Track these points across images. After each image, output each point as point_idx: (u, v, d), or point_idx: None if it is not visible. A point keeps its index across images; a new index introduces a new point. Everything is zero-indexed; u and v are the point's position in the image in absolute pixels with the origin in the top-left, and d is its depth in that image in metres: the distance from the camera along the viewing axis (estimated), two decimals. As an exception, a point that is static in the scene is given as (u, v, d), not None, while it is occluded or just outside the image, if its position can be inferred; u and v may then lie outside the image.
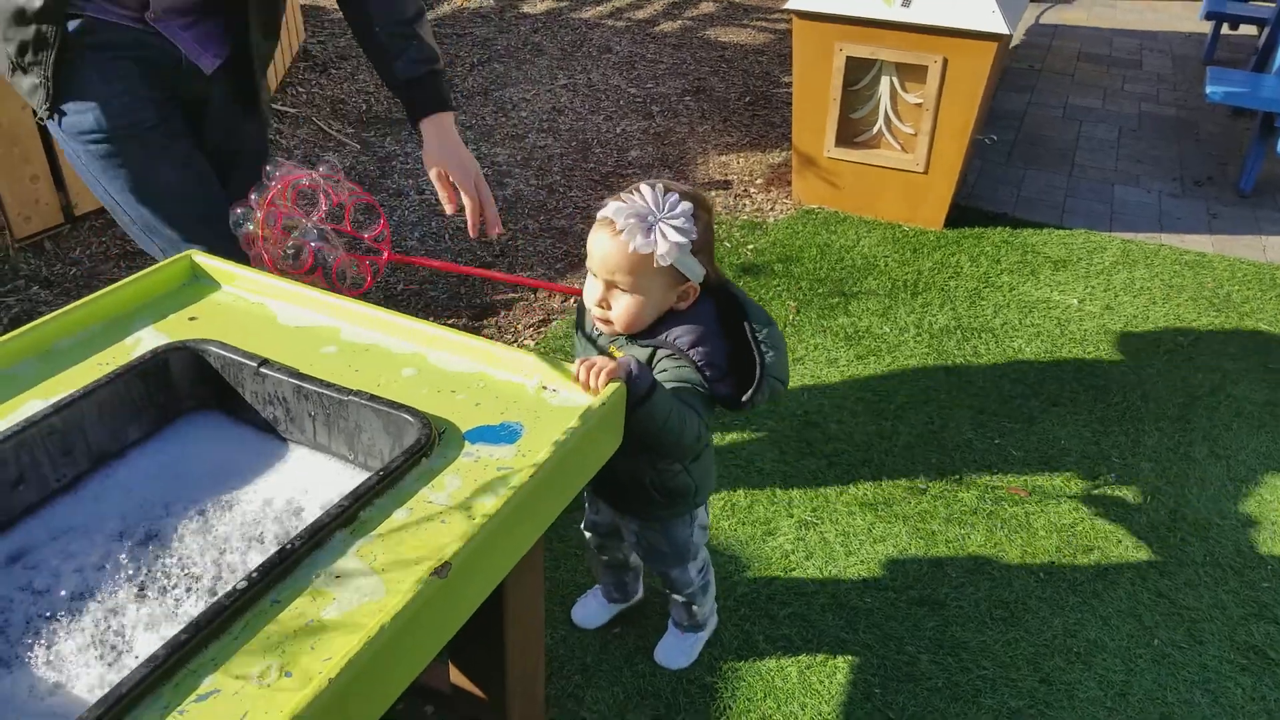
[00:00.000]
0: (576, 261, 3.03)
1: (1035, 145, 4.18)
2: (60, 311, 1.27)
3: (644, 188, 1.32)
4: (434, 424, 1.10)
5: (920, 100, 3.21)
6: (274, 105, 4.00)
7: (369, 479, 1.02)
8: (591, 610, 1.79)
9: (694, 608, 1.68)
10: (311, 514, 1.10)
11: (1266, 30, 4.74)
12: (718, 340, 1.39)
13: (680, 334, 1.38)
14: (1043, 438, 2.29)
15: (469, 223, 1.66)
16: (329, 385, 1.15)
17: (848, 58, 3.22)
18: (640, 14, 5.58)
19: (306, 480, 1.16)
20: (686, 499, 1.52)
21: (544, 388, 1.20)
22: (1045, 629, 1.83)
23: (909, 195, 3.35)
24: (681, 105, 4.35)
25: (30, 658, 0.91)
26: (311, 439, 1.19)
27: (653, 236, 1.29)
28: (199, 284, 1.40)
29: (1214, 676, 1.77)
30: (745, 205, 3.50)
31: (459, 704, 1.35)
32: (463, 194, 1.62)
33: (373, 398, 1.13)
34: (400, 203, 3.35)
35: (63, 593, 0.99)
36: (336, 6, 5.23)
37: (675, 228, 1.29)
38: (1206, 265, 3.21)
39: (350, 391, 1.14)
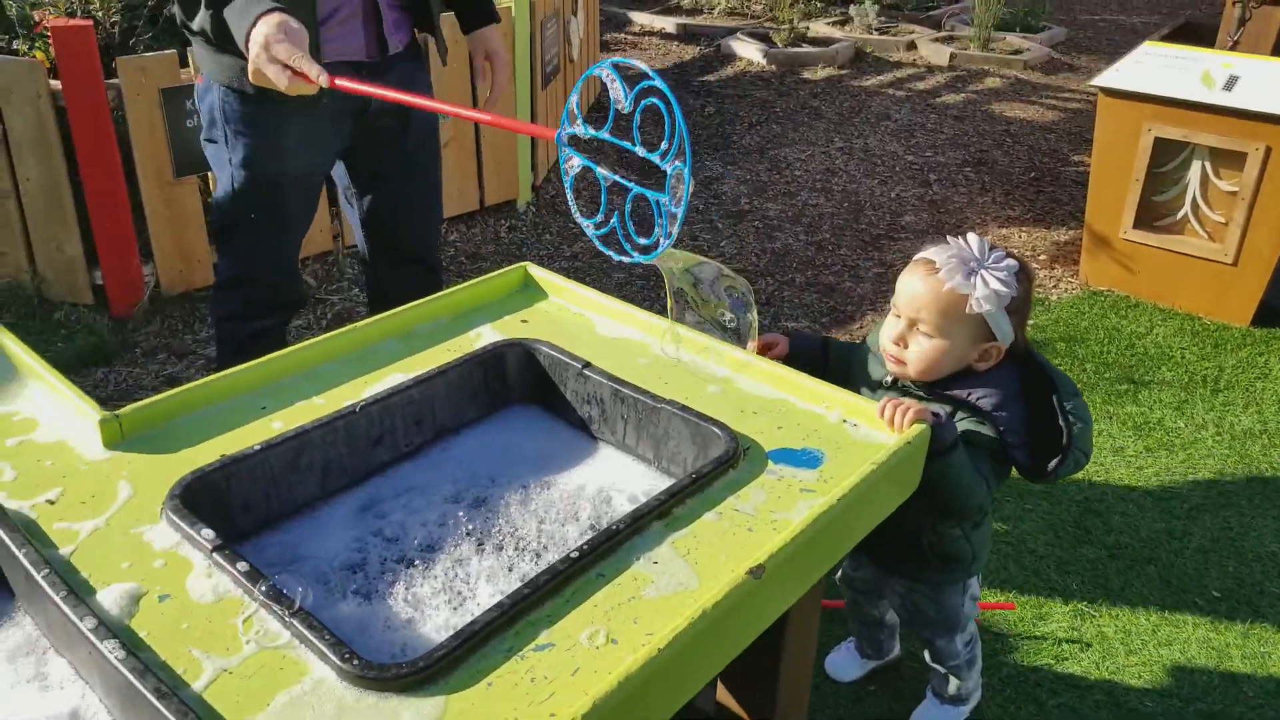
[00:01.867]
0: (842, 317, 3.05)
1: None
2: (419, 302, 1.46)
3: (971, 236, 1.34)
4: (740, 440, 1.16)
5: (1235, 188, 2.99)
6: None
7: (682, 479, 1.09)
8: (845, 662, 1.78)
9: (957, 680, 1.63)
10: (620, 504, 1.19)
11: None
12: (1020, 406, 1.37)
13: (983, 394, 1.37)
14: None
15: (490, 96, 1.91)
16: (644, 392, 1.24)
17: (1156, 138, 3.05)
18: (922, 85, 5.56)
19: (614, 475, 1.26)
20: (962, 565, 1.49)
21: (844, 420, 1.23)
22: (1120, 657, 1.65)
23: (1213, 286, 3.10)
24: (961, 175, 4.28)
25: (390, 594, 1.04)
26: (620, 440, 1.29)
27: (973, 280, 1.30)
28: (529, 291, 1.56)
29: None
30: (1021, 281, 3.38)
31: (720, 724, 1.38)
32: (497, 75, 1.88)
33: (684, 408, 1.21)
34: (675, 248, 3.52)
35: (415, 541, 1.12)
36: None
37: (998, 278, 1.30)
38: None
39: (663, 400, 1.22)
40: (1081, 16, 7.33)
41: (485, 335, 1.43)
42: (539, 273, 1.56)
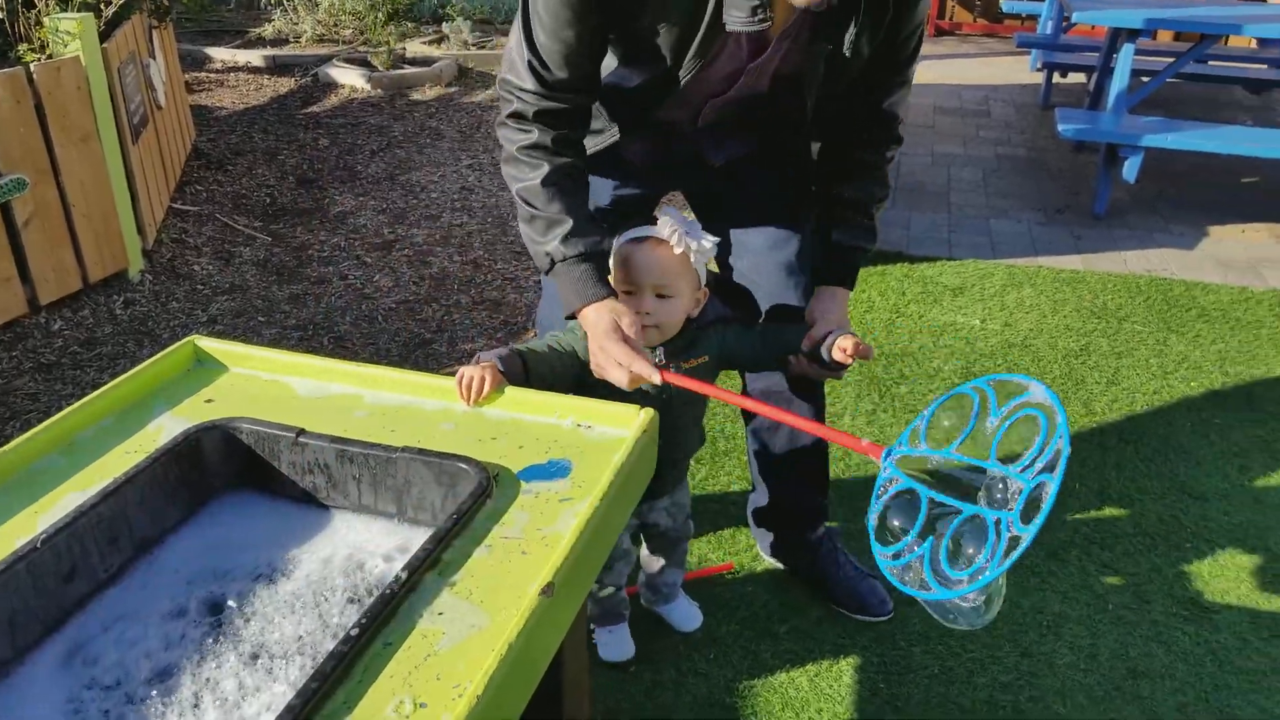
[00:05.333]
0: (515, 329, 3.10)
1: (914, 191, 4.52)
2: (75, 406, 1.27)
3: (668, 210, 1.54)
4: (488, 469, 1.15)
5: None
6: (175, 205, 3.95)
7: (445, 523, 1.06)
8: (625, 639, 1.85)
9: (684, 554, 1.87)
10: (374, 567, 1.13)
11: (1095, 75, 5.30)
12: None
13: (711, 316, 1.62)
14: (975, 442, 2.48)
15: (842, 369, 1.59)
16: (374, 445, 1.19)
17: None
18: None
19: (357, 540, 1.19)
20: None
21: (579, 425, 1.27)
22: (1016, 610, 1.99)
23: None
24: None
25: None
26: (356, 501, 1.23)
27: (695, 242, 1.51)
28: (205, 368, 1.42)
29: (1164, 629, 1.96)
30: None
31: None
32: (860, 349, 1.52)
33: (422, 451, 1.17)
34: (325, 290, 3.35)
35: (143, 676, 0.98)
36: (223, 104, 5.24)
37: (707, 236, 1.54)
38: (1081, 280, 3.55)
39: (397, 449, 1.18)
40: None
41: (167, 426, 1.28)
42: (211, 344, 1.43)
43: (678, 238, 1.50)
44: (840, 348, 1.51)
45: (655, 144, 1.72)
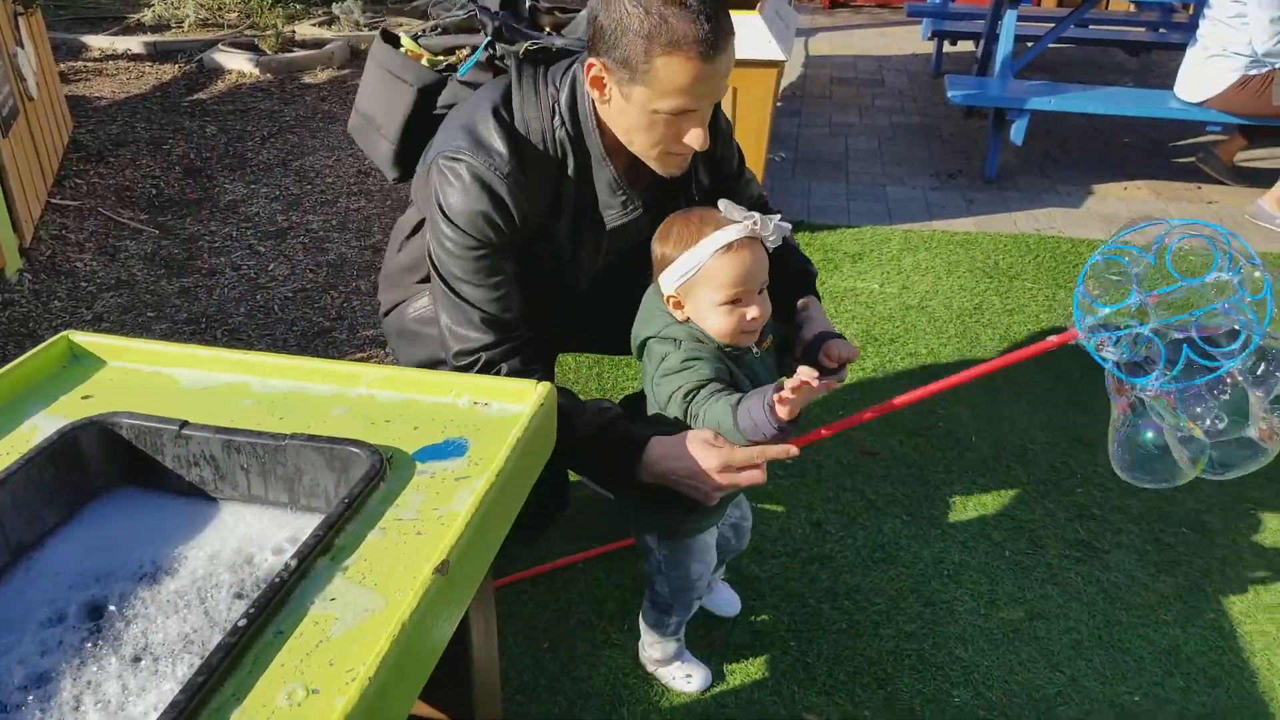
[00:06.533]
0: (418, 314, 3.04)
1: (813, 160, 4.59)
2: (-63, 409, 1.20)
3: (721, 204, 1.44)
4: (381, 452, 1.13)
5: (715, 126, 3.48)
6: (53, 200, 3.76)
7: (336, 508, 1.04)
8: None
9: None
10: (264, 560, 1.10)
11: (981, 42, 5.45)
12: None
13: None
14: (881, 400, 2.53)
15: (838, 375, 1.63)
16: (262, 434, 1.16)
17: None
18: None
19: (248, 532, 1.16)
20: None
21: (475, 403, 1.26)
22: (918, 561, 2.06)
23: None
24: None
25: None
26: (246, 492, 1.19)
27: (773, 223, 1.43)
28: (81, 364, 1.36)
29: (1058, 571, 2.06)
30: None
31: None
32: (846, 353, 1.59)
33: (312, 437, 1.15)
34: (217, 281, 3.24)
35: (15, 681, 0.94)
36: (102, 94, 4.99)
37: (777, 216, 1.47)
38: (974, 242, 3.66)
39: (286, 436, 1.15)
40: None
41: (42, 426, 1.22)
42: (86, 338, 1.36)
43: (772, 228, 1.42)
44: (826, 353, 1.55)
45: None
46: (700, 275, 1.41)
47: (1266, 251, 3.62)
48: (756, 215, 1.42)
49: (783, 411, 1.33)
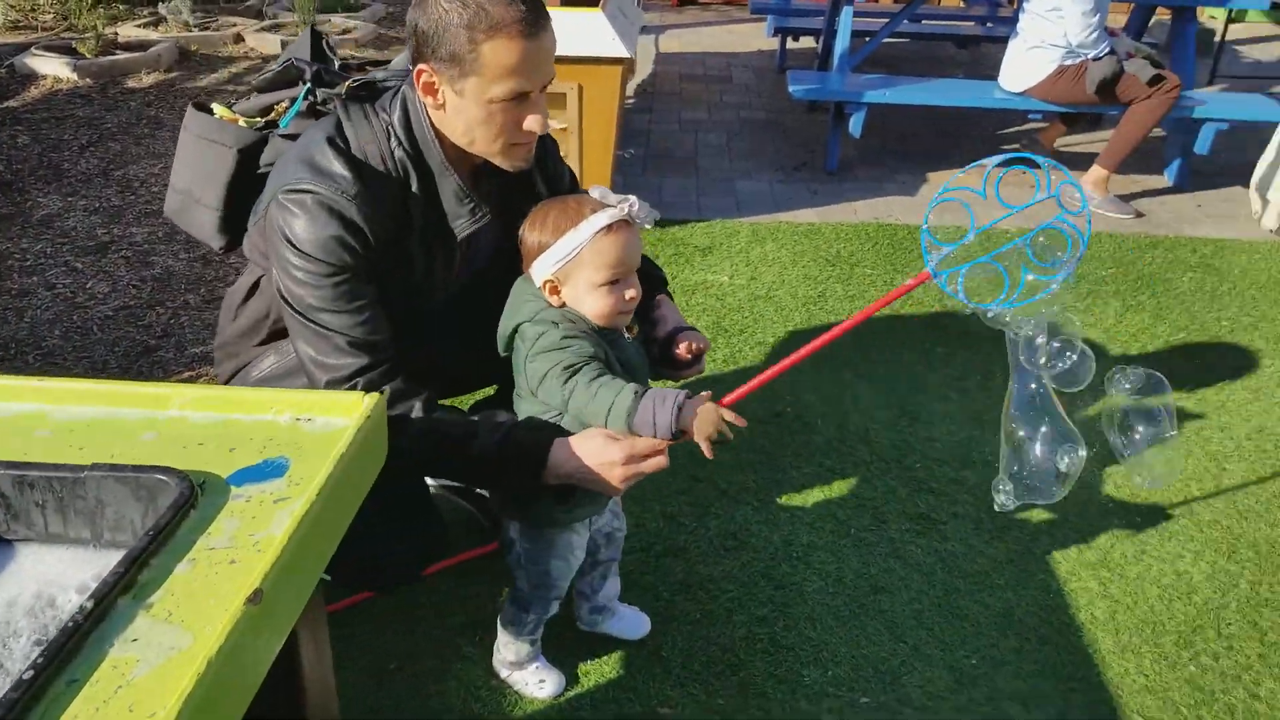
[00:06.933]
0: (257, 327, 2.91)
1: (663, 156, 4.64)
2: None
3: (594, 189, 1.49)
4: (192, 478, 1.07)
5: (564, 125, 3.47)
6: None
7: (139, 542, 0.98)
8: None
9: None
10: (68, 602, 1.03)
11: (822, 38, 5.63)
12: None
13: None
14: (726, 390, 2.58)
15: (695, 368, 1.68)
16: (58, 466, 1.08)
17: (487, 93, 3.39)
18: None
19: (48, 573, 1.07)
20: None
21: (298, 419, 1.20)
22: (768, 545, 2.12)
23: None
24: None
25: None
26: (43, 531, 1.10)
27: (644, 207, 1.47)
28: None
29: (900, 546, 2.16)
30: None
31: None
32: (698, 344, 1.66)
33: (115, 467, 1.07)
34: (29, 303, 3.01)
35: None
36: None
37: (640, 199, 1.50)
38: (817, 232, 3.79)
39: (86, 467, 1.07)
40: (392, -8, 7.73)
41: None
42: None
43: (645, 212, 1.47)
44: (681, 345, 1.60)
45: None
46: (582, 257, 1.44)
47: (1082, 232, 3.89)
48: (631, 198, 1.47)
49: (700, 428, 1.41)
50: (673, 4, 8.66)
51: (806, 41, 6.82)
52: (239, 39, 6.11)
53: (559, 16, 3.39)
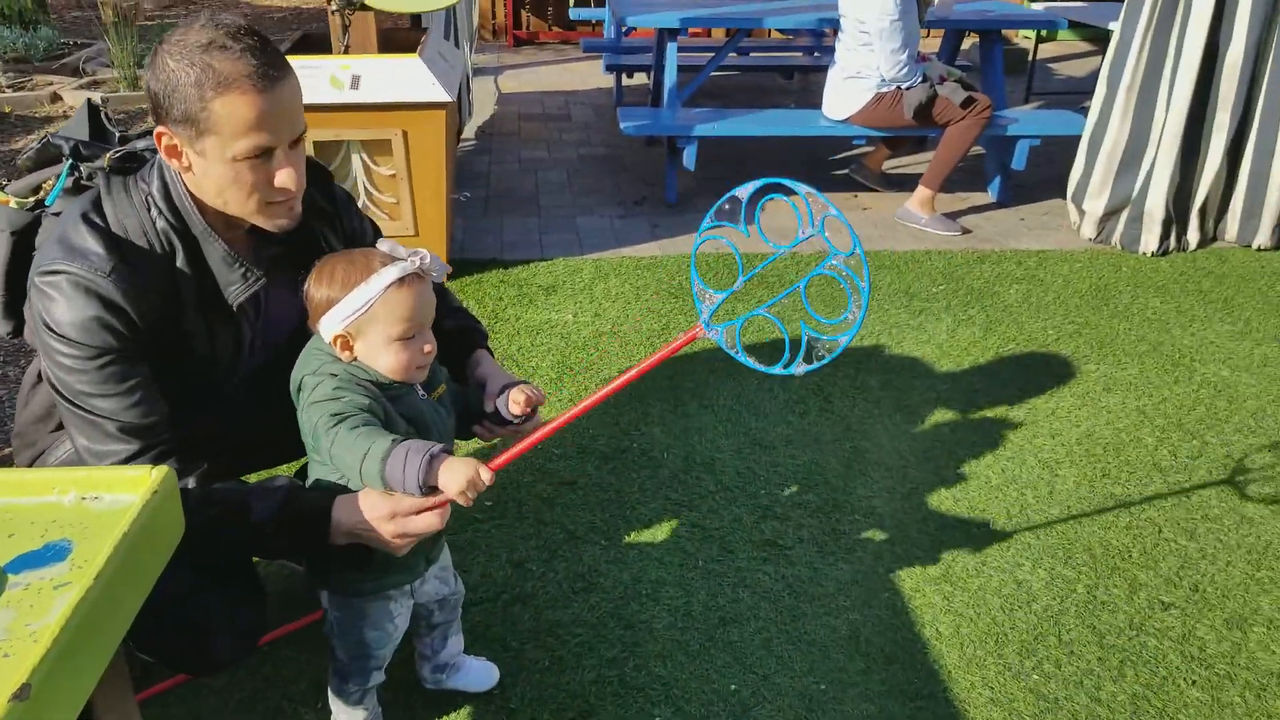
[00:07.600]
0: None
1: (504, 197, 4.63)
2: None
3: (382, 243, 1.42)
4: (-42, 571, 0.97)
5: (393, 171, 3.40)
6: None
7: (-112, 650, 0.87)
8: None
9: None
10: None
11: (652, 74, 5.77)
12: None
13: None
14: (572, 429, 2.57)
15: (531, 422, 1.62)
16: None
17: (314, 141, 3.30)
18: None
19: None
20: None
21: (84, 498, 1.11)
22: (617, 585, 2.11)
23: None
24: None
25: None
26: None
27: (435, 261, 1.43)
28: None
29: (747, 574, 2.18)
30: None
31: None
32: (533, 396, 1.60)
33: None
34: None
35: None
36: None
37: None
38: (659, 265, 3.85)
39: None
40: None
41: None
42: None
43: (437, 265, 1.43)
44: (514, 400, 1.54)
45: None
46: (374, 312, 1.39)
47: (915, 250, 4.10)
48: (422, 251, 1.44)
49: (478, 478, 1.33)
50: (509, 44, 8.71)
51: (640, 78, 6.98)
52: (56, 98, 5.75)
53: (376, 64, 3.35)
